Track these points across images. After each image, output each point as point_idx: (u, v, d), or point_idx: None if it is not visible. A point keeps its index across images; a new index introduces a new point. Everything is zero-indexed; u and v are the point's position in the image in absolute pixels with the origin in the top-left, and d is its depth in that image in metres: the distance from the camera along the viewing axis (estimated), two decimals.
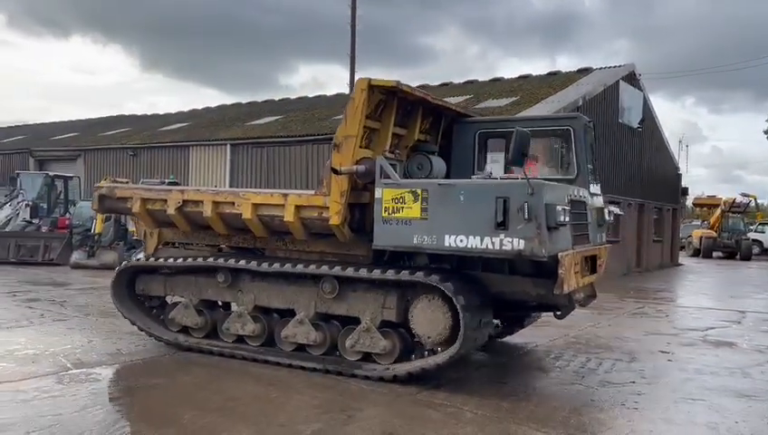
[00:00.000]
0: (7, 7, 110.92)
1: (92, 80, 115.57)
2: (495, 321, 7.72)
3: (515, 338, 8.95)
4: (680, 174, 29.16)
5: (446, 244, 5.96)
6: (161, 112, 33.69)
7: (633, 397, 6.30)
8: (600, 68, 22.42)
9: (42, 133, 33.77)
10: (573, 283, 6.05)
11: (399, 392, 6.09)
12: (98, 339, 8.12)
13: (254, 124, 23.78)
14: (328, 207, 6.44)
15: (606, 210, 7.57)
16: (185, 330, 7.73)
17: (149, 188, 8.14)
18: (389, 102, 6.77)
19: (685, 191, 30.64)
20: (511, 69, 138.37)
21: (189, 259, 7.54)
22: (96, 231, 17.73)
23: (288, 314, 7.09)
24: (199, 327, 7.62)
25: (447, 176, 7.30)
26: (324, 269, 6.66)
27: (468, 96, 21.59)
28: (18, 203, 21.59)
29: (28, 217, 21.22)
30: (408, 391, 6.12)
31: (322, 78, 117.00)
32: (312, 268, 6.75)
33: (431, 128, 7.76)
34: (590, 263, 6.75)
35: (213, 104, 33.80)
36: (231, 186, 21.41)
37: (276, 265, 6.93)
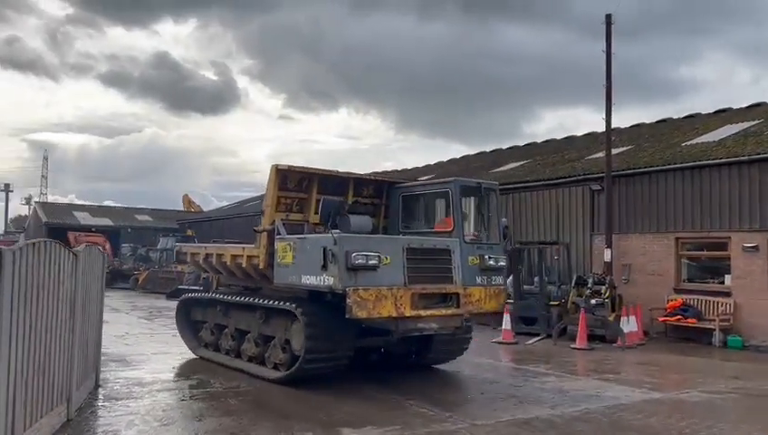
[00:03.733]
0: (289, 87, 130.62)
1: (356, 144, 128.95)
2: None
3: None
4: None
5: (302, 281, 7.99)
6: (409, 167, 34.60)
7: None
8: None
9: None
10: (381, 312, 7.54)
11: None
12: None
13: (497, 172, 22.74)
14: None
15: (486, 257, 8.73)
16: (206, 345, 10.66)
17: (193, 245, 11.70)
18: (312, 178, 9.23)
19: None
20: None
21: (201, 294, 11.15)
22: None
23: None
24: (212, 343, 10.51)
25: (385, 230, 9.76)
26: (234, 298, 9.71)
27: (757, 120, 17.81)
28: None
29: None
30: None
31: (569, 123, 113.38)
32: (227, 297, 9.94)
33: (376, 193, 9.96)
34: (455, 299, 8.28)
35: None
36: None
37: (224, 297, 10.09)
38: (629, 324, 13.53)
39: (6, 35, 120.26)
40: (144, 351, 11.50)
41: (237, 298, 9.65)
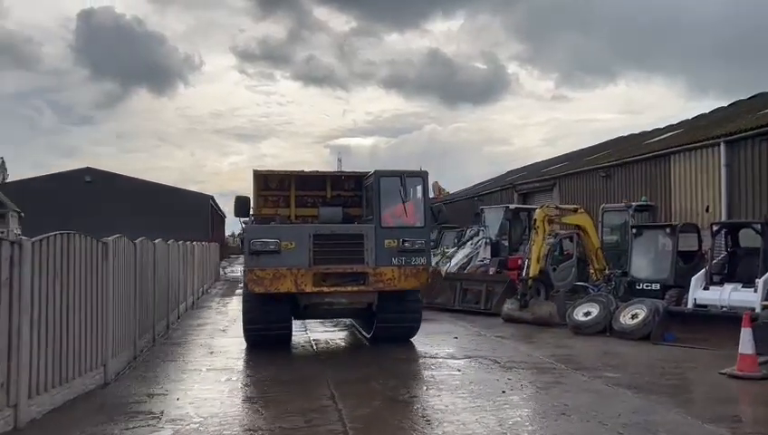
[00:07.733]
0: (560, 66, 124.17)
1: (634, 120, 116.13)
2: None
3: None
4: None
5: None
6: (662, 126, 27.63)
7: None
8: None
9: (537, 169, 32.67)
10: (279, 288, 9.19)
11: None
12: None
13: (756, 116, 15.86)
14: None
15: (401, 240, 9.65)
16: None
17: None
18: (290, 179, 11.55)
19: None
20: None
21: None
22: (530, 274, 13.68)
23: None
24: None
25: (364, 220, 11.03)
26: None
27: None
28: (479, 241, 19.69)
29: (488, 256, 18.96)
30: None
31: None
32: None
33: (357, 186, 11.69)
34: (364, 278, 9.50)
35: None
36: (729, 198, 14.36)
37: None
38: None
39: (305, 55, 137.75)
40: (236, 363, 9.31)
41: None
